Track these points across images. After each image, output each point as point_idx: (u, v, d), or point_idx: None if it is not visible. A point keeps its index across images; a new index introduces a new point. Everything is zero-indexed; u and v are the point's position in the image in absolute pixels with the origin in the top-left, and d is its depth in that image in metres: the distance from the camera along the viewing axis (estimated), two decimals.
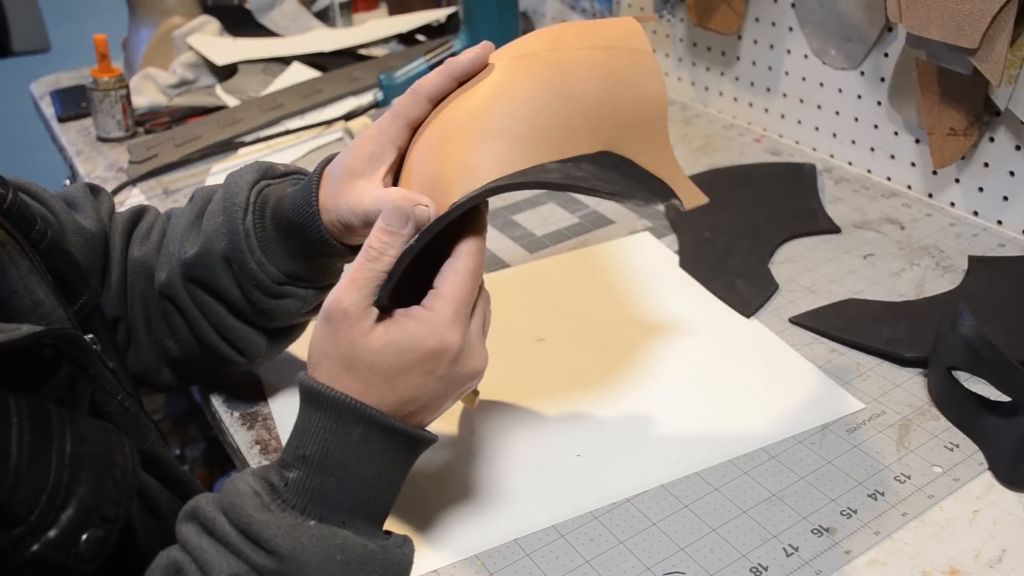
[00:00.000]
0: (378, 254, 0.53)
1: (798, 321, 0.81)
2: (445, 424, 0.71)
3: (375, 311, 0.53)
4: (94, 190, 0.74)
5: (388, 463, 0.53)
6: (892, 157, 1.04)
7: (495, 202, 1.04)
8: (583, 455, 0.68)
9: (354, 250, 0.63)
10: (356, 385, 0.52)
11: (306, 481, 0.51)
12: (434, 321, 0.52)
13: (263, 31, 1.52)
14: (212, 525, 0.50)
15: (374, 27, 1.54)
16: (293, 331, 0.72)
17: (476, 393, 0.67)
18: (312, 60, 1.41)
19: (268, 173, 0.68)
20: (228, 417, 0.74)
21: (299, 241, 0.64)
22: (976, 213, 0.96)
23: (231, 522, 0.50)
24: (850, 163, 1.09)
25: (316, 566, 0.49)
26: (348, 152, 0.62)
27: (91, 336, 0.61)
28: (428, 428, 0.56)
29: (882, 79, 1.02)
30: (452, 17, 1.54)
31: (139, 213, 0.75)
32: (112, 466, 0.49)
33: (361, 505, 0.52)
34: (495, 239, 0.97)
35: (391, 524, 0.61)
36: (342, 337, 0.52)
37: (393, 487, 0.54)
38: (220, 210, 0.66)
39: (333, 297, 0.53)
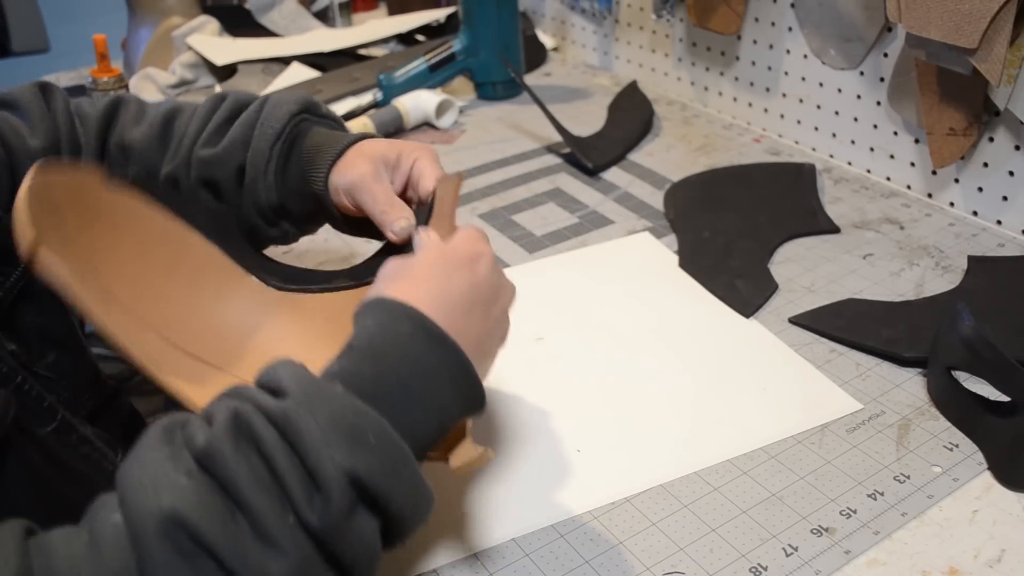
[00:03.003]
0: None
1: (797, 321, 0.81)
2: None
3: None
4: (45, 90, 0.74)
5: (429, 372, 0.50)
6: (891, 157, 1.04)
7: (494, 202, 1.04)
8: (582, 454, 0.68)
9: (346, 219, 0.69)
10: (408, 287, 0.53)
11: (343, 363, 0.49)
12: (464, 236, 0.58)
13: (263, 31, 1.51)
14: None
15: (374, 27, 1.54)
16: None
17: (485, 453, 0.61)
18: (312, 60, 1.41)
19: (311, 108, 0.72)
20: None
21: (306, 187, 0.69)
22: (975, 213, 0.96)
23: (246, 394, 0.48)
24: (849, 163, 1.09)
25: (324, 411, 0.45)
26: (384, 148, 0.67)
27: None
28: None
29: (881, 79, 1.02)
30: (452, 17, 1.54)
31: (116, 105, 0.75)
32: None
33: (390, 402, 0.48)
34: (495, 239, 0.97)
35: None
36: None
37: (427, 407, 0.50)
38: (254, 124, 0.70)
39: None
